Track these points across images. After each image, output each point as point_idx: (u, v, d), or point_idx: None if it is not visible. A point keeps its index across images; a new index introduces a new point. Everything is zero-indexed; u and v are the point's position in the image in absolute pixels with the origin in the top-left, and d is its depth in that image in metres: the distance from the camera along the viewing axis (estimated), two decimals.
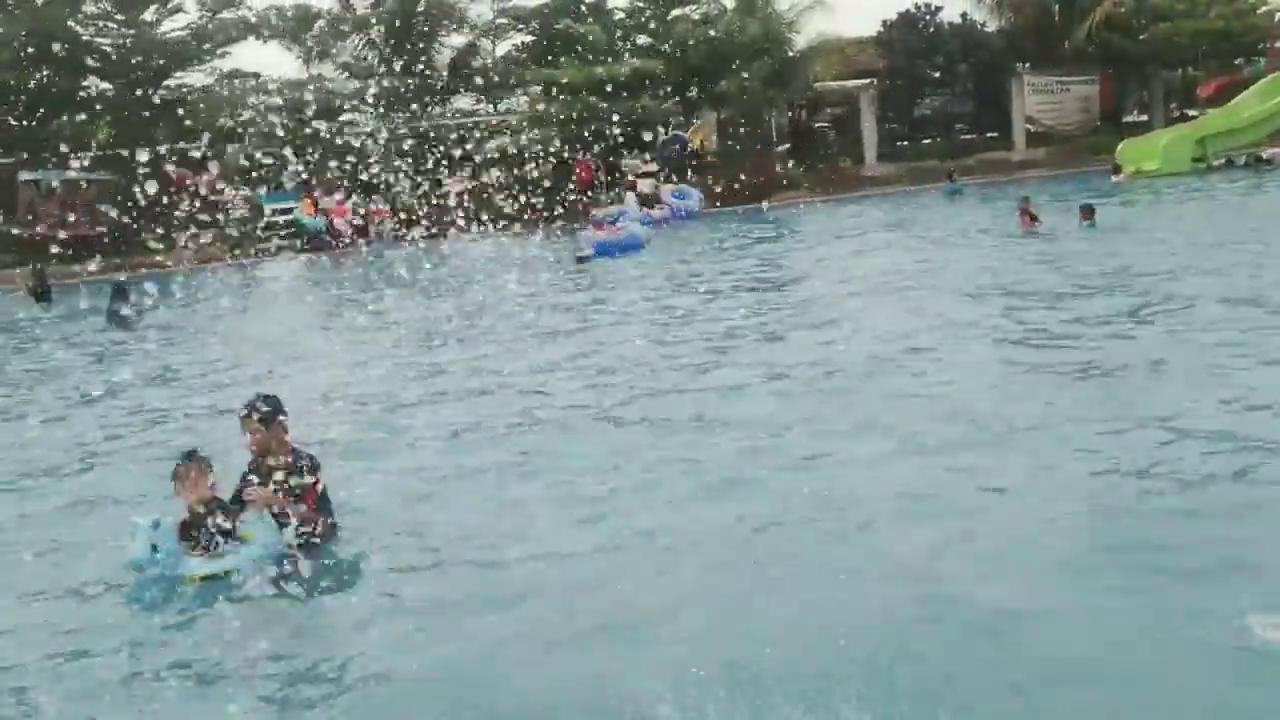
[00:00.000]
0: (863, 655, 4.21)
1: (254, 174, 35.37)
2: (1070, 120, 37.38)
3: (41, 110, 33.95)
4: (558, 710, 4.14)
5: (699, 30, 36.97)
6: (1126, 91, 40.24)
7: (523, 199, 34.18)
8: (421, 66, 35.32)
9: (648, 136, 37.12)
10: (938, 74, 37.14)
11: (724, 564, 5.37)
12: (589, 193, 32.44)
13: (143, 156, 33.22)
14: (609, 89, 33.36)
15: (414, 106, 36.05)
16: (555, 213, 31.83)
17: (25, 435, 9.87)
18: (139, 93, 33.37)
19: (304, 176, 35.40)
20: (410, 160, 35.10)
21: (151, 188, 33.93)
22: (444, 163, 37.73)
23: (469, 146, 38.86)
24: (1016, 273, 14.18)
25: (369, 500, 6.68)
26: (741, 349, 10.86)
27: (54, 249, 28.98)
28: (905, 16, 37.22)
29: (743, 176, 31.85)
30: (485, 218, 30.83)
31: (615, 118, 32.90)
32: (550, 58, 35.45)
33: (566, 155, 33.76)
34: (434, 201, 34.52)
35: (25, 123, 33.38)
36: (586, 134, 32.36)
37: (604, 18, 37.44)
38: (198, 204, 33.68)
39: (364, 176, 32.52)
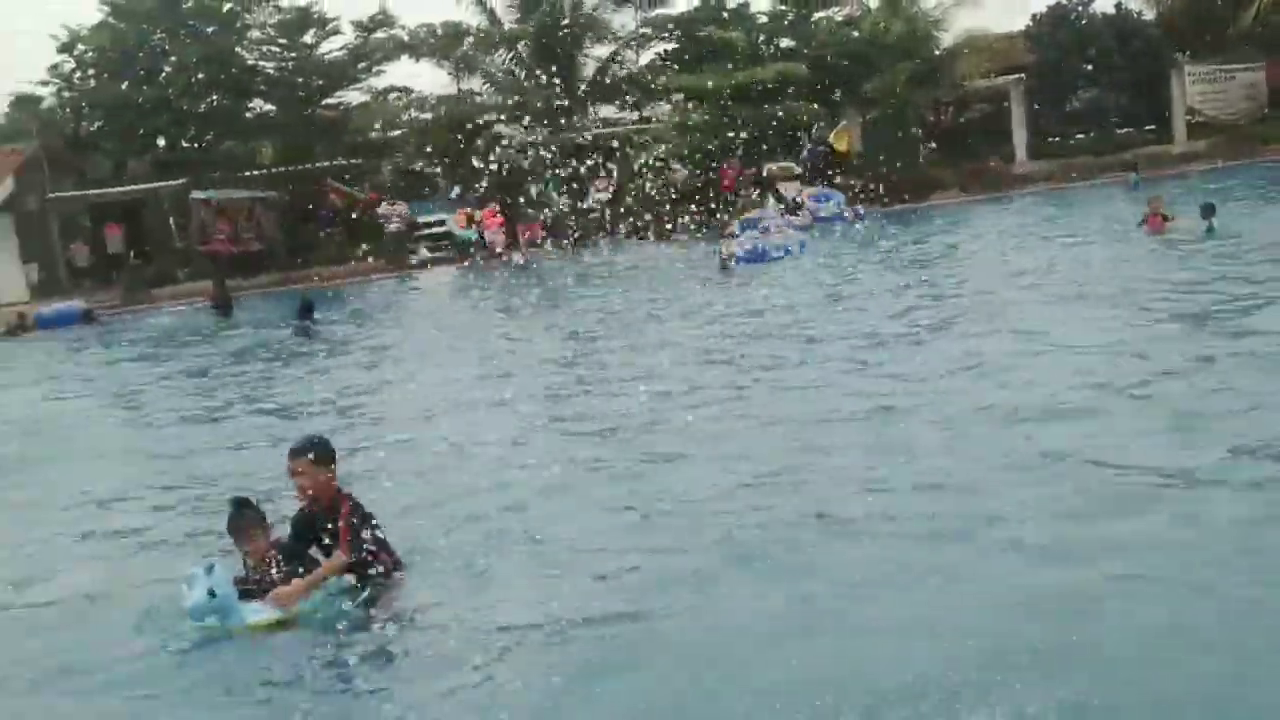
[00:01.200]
0: None
1: (408, 188, 36.63)
2: (1235, 109, 35.79)
3: (212, 132, 35.86)
4: None
5: (842, 32, 36.73)
6: None
7: (666, 207, 34.55)
8: (566, 78, 35.97)
9: (790, 141, 37.07)
10: (1090, 67, 36.02)
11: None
12: (733, 199, 32.52)
13: (305, 174, 34.97)
14: (752, 94, 33.44)
15: (559, 118, 36.79)
16: (699, 220, 32.05)
17: (205, 440, 10.56)
18: (302, 112, 35.02)
19: (456, 190, 36.52)
20: (556, 171, 35.82)
21: (314, 204, 35.74)
22: (589, 173, 38.40)
23: (613, 156, 39.40)
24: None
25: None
26: (897, 353, 10.79)
27: (226, 264, 30.60)
28: (1055, 9, 36.23)
29: (891, 178, 31.54)
30: (630, 226, 31.43)
31: (758, 123, 32.95)
32: (693, 64, 35.67)
33: (709, 162, 33.95)
34: (580, 211, 35.14)
35: (198, 144, 35.32)
36: (729, 140, 32.48)
37: (746, 23, 37.49)
38: (356, 219, 35.26)
39: (511, 189, 33.37)
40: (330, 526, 5.69)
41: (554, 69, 35.56)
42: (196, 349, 19.55)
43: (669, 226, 31.67)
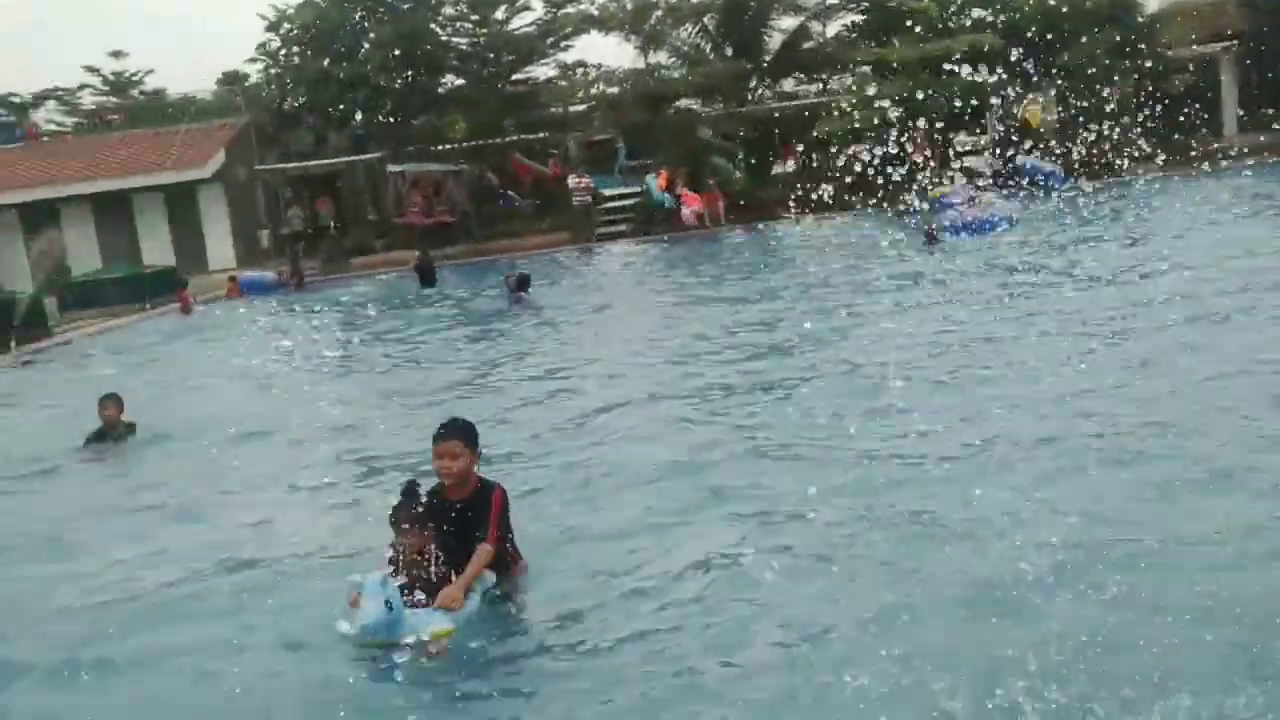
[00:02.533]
0: None
1: (592, 161, 37.08)
2: None
3: (407, 107, 37.01)
4: None
5: (1038, 1, 35.42)
6: None
7: (855, 180, 34.05)
8: (752, 51, 35.80)
9: (979, 114, 35.99)
10: None
11: None
12: (922, 172, 31.81)
13: (494, 148, 35.82)
14: (942, 66, 32.60)
15: (744, 91, 36.66)
16: (888, 193, 31.48)
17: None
18: (493, 87, 35.83)
19: (644, 163, 36.80)
20: (743, 145, 35.74)
21: (503, 177, 36.58)
22: (774, 146, 38.16)
23: (798, 129, 39.06)
24: None
25: None
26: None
27: (419, 235, 31.63)
28: None
29: (1090, 152, 30.30)
30: (815, 200, 31.10)
31: (946, 96, 32.12)
32: (881, 36, 35.02)
33: (896, 135, 33.27)
34: (764, 185, 35.00)
35: (393, 119, 36.52)
36: (917, 113, 31.77)
37: None
38: (545, 191, 35.94)
39: (696, 162, 33.44)
40: (470, 515, 5.45)
41: (740, 42, 35.46)
42: (412, 315, 20.23)
43: (860, 200, 31.18)
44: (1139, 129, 34.37)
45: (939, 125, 32.38)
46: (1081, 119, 32.88)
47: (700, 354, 12.54)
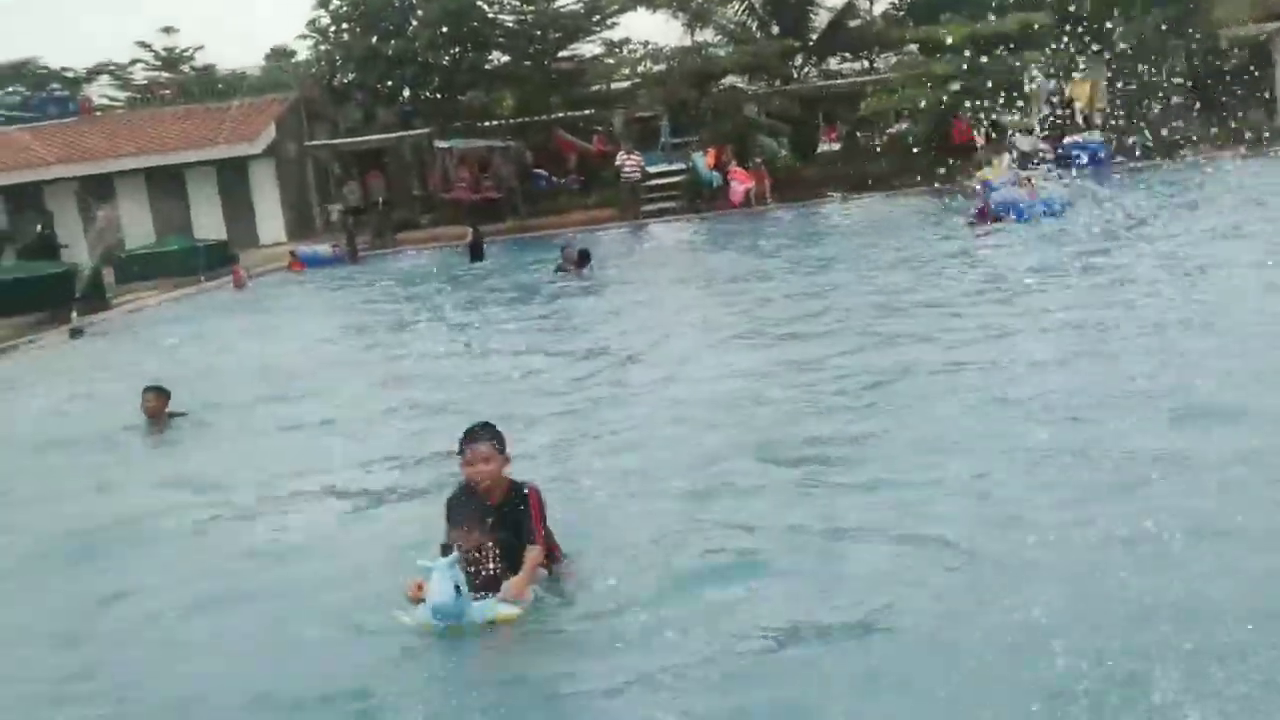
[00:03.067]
0: None
1: (638, 138, 37.17)
2: None
3: (453, 84, 37.27)
4: None
5: None
6: None
7: (902, 160, 33.96)
8: (798, 29, 35.74)
9: (1027, 94, 35.73)
10: None
11: None
12: (969, 152, 31.73)
13: (540, 124, 36.01)
14: (991, 45, 32.38)
15: (790, 70, 36.61)
16: (935, 173, 31.41)
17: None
18: (539, 64, 35.99)
19: (687, 141, 36.87)
20: (789, 123, 35.68)
21: (545, 154, 36.76)
22: (818, 125, 38.12)
23: (843, 108, 38.94)
24: None
25: None
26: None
27: (469, 211, 31.92)
28: None
29: (1141, 132, 30.10)
30: (864, 180, 31.05)
31: (994, 75, 31.92)
32: (929, 15, 34.82)
33: (943, 115, 33.16)
34: (810, 164, 34.98)
35: (440, 95, 36.79)
36: (963, 92, 31.64)
37: None
38: (589, 168, 36.13)
39: (741, 140, 33.46)
40: (505, 515, 5.38)
41: (787, 20, 35.41)
42: (468, 289, 20.48)
43: (903, 180, 31.20)
44: (1190, 109, 34.07)
45: (987, 105, 32.26)
46: (1132, 99, 32.61)
47: (763, 330, 12.70)
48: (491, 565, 5.26)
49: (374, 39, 37.04)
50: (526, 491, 5.48)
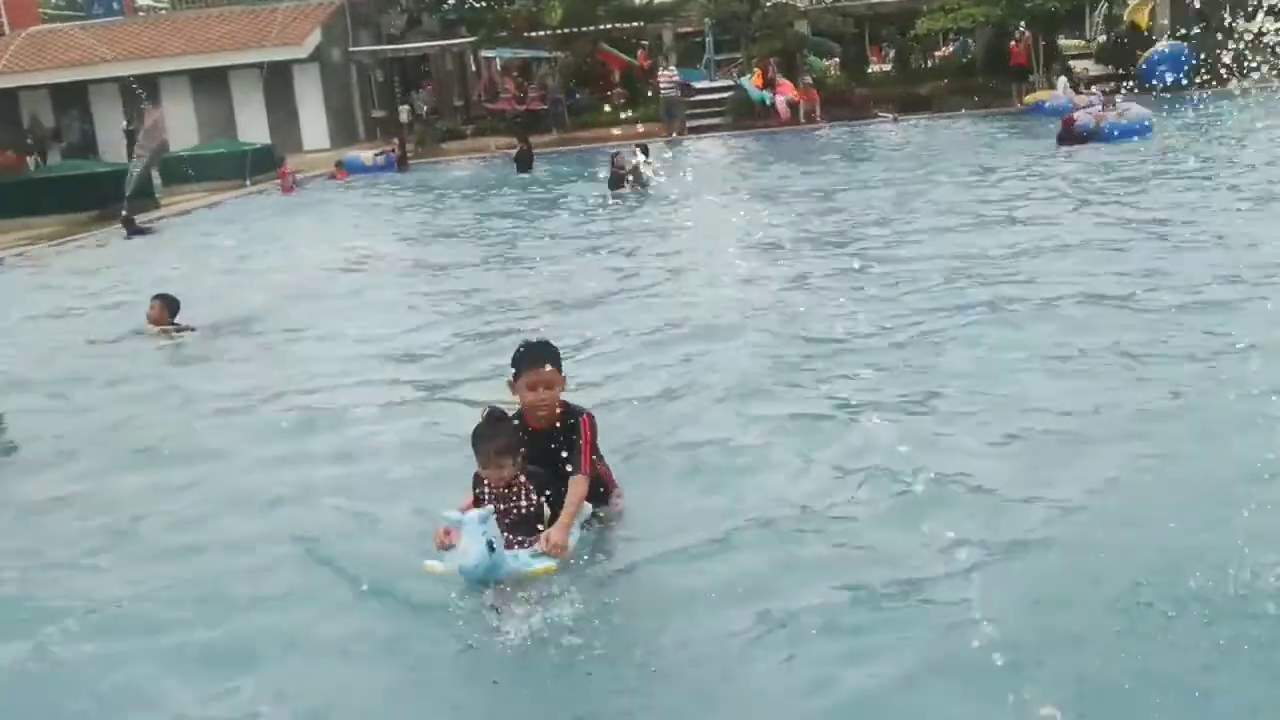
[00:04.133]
0: None
1: (682, 55, 36.68)
2: None
3: None
4: None
5: None
6: None
7: (954, 81, 33.38)
8: None
9: (1084, 15, 34.95)
10: None
11: None
12: (1024, 75, 31.17)
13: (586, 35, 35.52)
14: None
15: None
16: (988, 95, 30.92)
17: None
18: None
19: (731, 57, 36.37)
20: (839, 42, 35.10)
21: (593, 68, 36.33)
22: (867, 44, 37.42)
23: (899, 27, 38.23)
24: None
25: None
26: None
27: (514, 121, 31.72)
28: None
29: (1216, 53, 29.41)
30: (916, 99, 30.55)
31: None
32: None
33: (1000, 36, 32.54)
34: (858, 82, 34.43)
35: (488, 3, 36.31)
36: (1020, 13, 30.97)
37: None
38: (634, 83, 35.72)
39: (787, 57, 32.94)
40: (554, 447, 4.77)
41: None
42: (515, 200, 20.36)
43: (955, 103, 30.70)
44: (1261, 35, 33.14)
45: (1041, 27, 31.61)
46: (1193, 20, 31.82)
47: (812, 246, 12.58)
48: (524, 503, 4.68)
49: None
50: (582, 419, 4.88)
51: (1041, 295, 8.88)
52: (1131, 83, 26.78)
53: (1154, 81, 23.93)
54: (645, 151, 19.18)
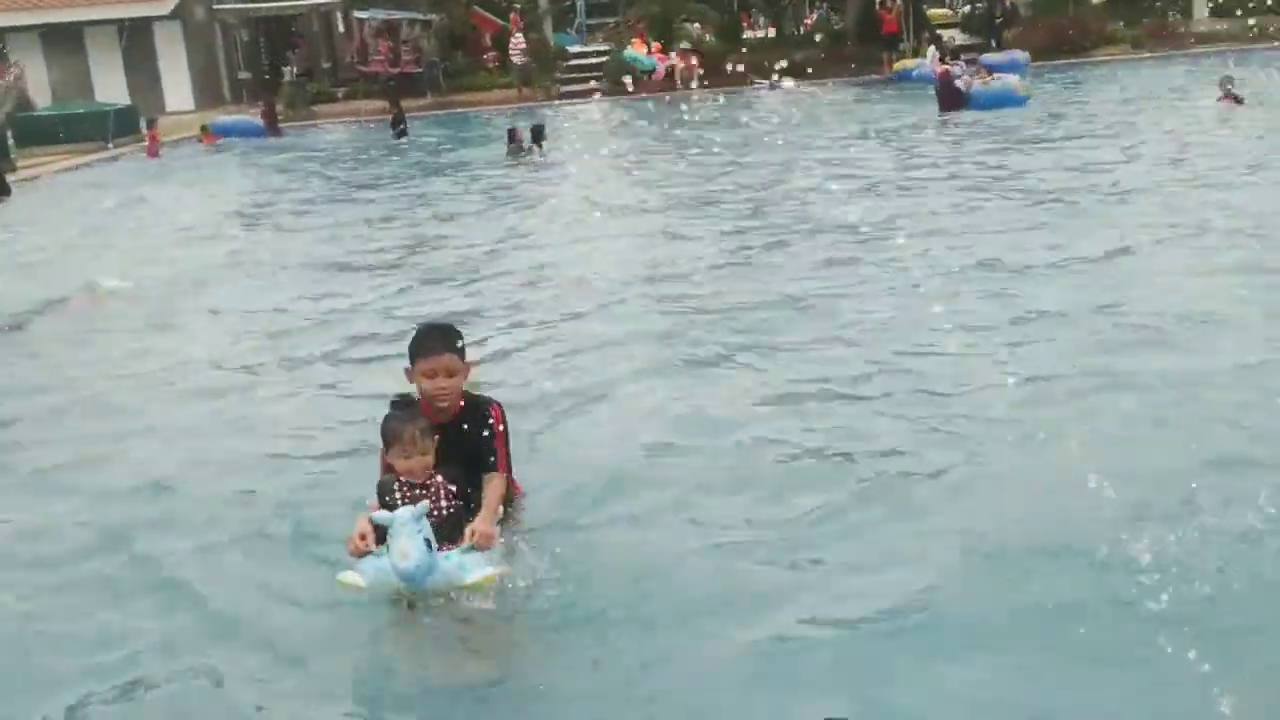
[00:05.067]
0: None
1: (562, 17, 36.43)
2: None
3: None
4: None
5: None
6: None
7: (829, 48, 33.86)
8: None
9: None
10: None
11: None
12: (896, 43, 31.82)
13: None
14: None
15: None
16: (863, 63, 31.47)
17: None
18: None
19: (603, 22, 36.24)
20: (713, 10, 35.22)
21: (466, 30, 35.79)
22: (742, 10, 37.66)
23: None
24: None
25: None
26: None
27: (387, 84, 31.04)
28: None
29: (1067, 31, 30.55)
30: (790, 66, 30.93)
31: None
32: None
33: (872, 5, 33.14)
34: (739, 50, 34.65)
35: None
36: None
37: None
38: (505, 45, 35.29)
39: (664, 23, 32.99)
40: (457, 438, 4.27)
41: None
42: (391, 164, 20.05)
43: (831, 70, 31.13)
44: (1108, 12, 34.49)
45: None
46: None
47: (703, 207, 12.75)
48: (444, 503, 4.16)
49: None
50: (491, 409, 4.40)
51: (933, 257, 9.22)
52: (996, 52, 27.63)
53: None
54: (540, 135, 18.87)
